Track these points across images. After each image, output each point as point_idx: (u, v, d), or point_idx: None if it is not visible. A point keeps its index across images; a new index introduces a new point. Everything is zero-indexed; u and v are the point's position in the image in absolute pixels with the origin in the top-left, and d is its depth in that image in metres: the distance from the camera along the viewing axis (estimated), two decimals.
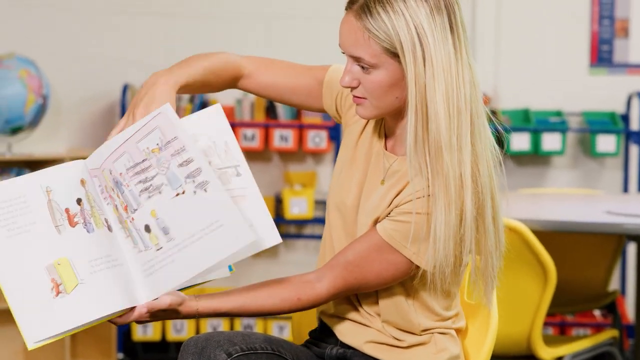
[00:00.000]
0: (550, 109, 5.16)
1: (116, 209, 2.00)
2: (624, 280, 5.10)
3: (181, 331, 5.03)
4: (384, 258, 2.08)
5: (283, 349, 2.11)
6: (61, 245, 1.95)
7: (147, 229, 1.97)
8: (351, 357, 2.19)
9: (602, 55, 5.20)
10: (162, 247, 1.95)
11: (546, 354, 3.40)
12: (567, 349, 3.48)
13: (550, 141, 5.01)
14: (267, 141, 5.01)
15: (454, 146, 2.00)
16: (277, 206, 5.14)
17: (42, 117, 4.81)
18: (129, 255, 1.97)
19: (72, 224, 1.98)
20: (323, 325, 2.25)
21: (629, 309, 5.07)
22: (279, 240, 1.97)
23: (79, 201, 2.00)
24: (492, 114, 2.12)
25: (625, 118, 5.11)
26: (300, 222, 5.12)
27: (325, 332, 2.24)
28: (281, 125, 4.99)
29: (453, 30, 2.02)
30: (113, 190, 2.00)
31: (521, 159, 5.19)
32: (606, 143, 5.03)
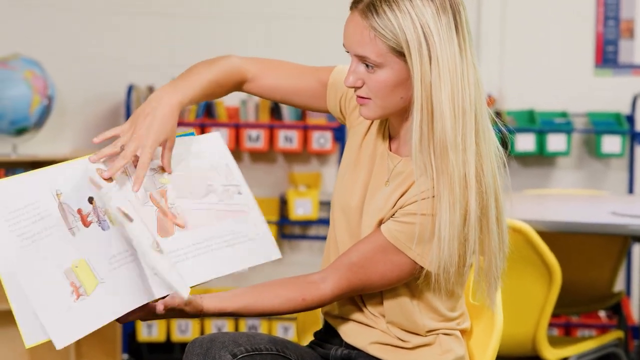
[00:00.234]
0: (555, 109, 5.15)
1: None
2: (629, 281, 5.09)
3: (186, 332, 5.03)
4: (388, 259, 2.07)
5: (288, 350, 2.11)
6: (77, 247, 1.95)
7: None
8: (356, 358, 2.18)
9: (607, 56, 5.19)
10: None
11: (551, 355, 3.40)
12: (572, 350, 3.48)
13: (556, 142, 5.00)
14: (271, 142, 5.01)
15: (459, 146, 2.00)
16: (282, 207, 5.14)
17: (47, 118, 4.81)
18: (146, 246, 1.97)
19: (86, 224, 1.97)
20: (328, 326, 2.25)
21: (634, 310, 5.06)
22: (278, 256, 2.06)
23: (90, 200, 1.99)
24: (497, 115, 2.12)
25: (631, 119, 5.10)
26: (305, 223, 5.12)
27: (330, 333, 2.24)
28: (286, 126, 4.98)
29: (458, 30, 2.02)
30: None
31: (526, 159, 5.18)
32: (611, 144, 5.02)
